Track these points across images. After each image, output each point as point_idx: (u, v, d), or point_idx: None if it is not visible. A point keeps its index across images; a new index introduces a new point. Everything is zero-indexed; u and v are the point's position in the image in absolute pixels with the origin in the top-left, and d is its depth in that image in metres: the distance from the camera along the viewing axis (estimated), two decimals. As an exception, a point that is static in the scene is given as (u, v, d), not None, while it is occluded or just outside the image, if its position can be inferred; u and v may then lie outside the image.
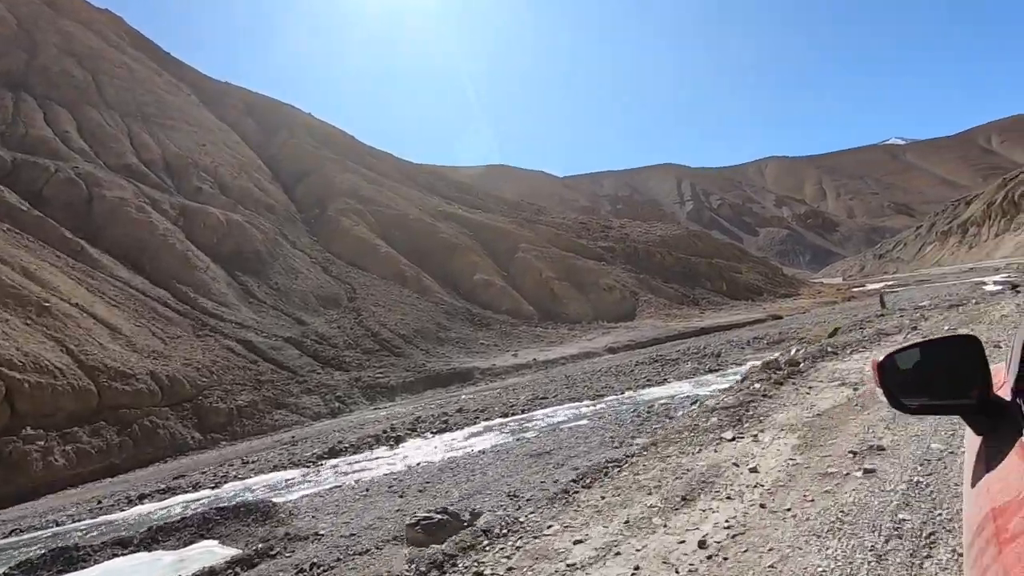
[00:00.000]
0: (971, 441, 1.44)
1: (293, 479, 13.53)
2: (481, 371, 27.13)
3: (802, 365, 12.44)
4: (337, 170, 63.77)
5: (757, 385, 12.01)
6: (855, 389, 8.81)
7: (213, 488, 13.70)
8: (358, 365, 26.95)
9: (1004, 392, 1.37)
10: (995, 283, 45.24)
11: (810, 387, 9.94)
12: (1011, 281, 38.74)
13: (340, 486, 11.68)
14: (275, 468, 14.73)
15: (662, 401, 13.79)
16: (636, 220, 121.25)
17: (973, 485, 1.27)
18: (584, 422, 13.25)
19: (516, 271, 51.19)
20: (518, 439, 12.98)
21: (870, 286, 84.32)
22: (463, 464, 11.30)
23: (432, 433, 15.44)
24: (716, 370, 17.92)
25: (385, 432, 16.02)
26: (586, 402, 15.44)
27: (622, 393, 15.95)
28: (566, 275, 50.70)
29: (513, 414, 15.39)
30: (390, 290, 40.77)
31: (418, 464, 12.43)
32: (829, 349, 13.30)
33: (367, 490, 10.72)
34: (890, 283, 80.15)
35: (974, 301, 19.37)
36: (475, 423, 15.49)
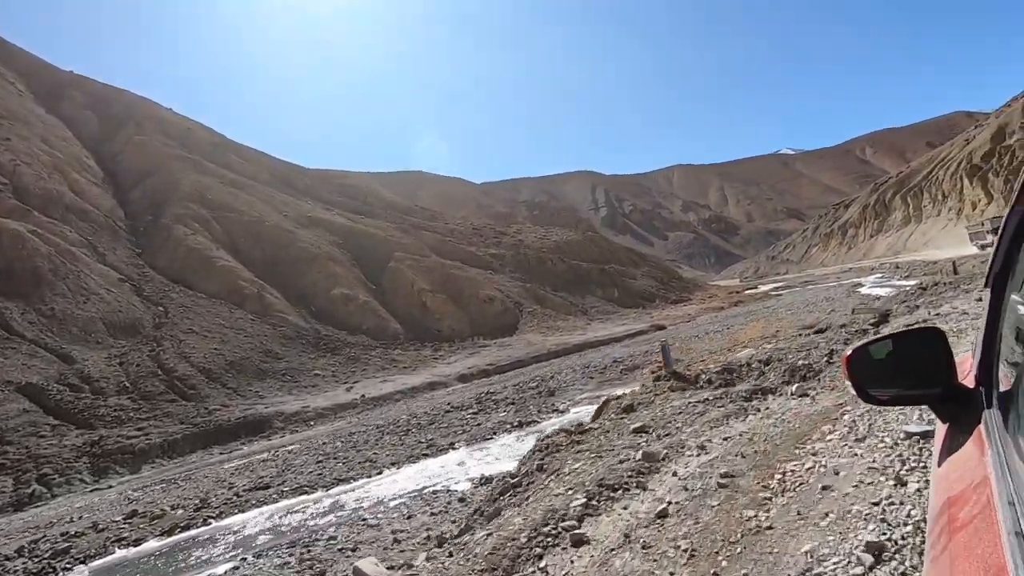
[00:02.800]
0: (939, 430, 1.47)
1: None
2: (285, 417, 21.50)
3: (583, 437, 8.22)
4: (187, 171, 55.26)
5: (534, 465, 7.83)
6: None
7: None
8: (114, 419, 20.48)
9: (969, 380, 1.38)
10: (873, 284, 45.40)
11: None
12: (895, 285, 38.23)
13: None
14: None
15: (399, 499, 9.22)
16: (543, 225, 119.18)
17: (937, 473, 1.28)
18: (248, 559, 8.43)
19: (387, 283, 45.70)
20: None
21: (762, 288, 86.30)
22: None
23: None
24: (529, 423, 13.65)
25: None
26: (317, 494, 10.55)
27: (379, 473, 11.24)
28: (443, 286, 45.82)
29: (177, 530, 10.10)
30: (217, 312, 33.97)
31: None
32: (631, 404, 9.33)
33: None
34: (779, 284, 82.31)
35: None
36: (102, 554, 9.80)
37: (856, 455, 4.38)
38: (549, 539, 4.52)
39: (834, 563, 2.99)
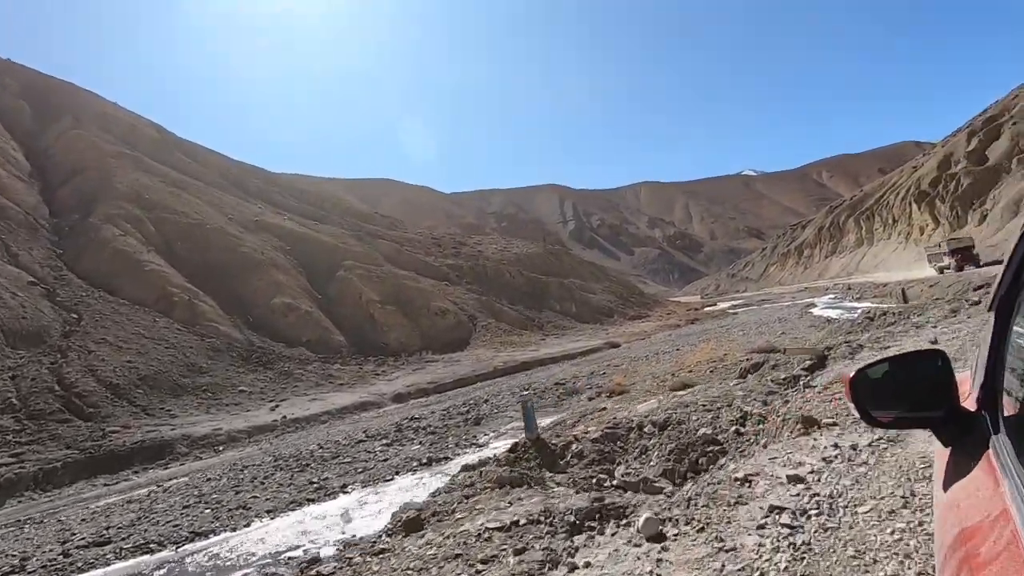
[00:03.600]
0: (940, 453, 1.46)
1: None
2: (191, 441, 19.32)
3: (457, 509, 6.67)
4: (125, 168, 51.95)
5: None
6: None
7: None
8: (-13, 442, 18.01)
9: (969, 403, 1.37)
10: (825, 304, 45.62)
11: None
12: (853, 307, 38.23)
13: None
14: None
15: (251, 567, 7.57)
16: (511, 237, 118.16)
17: (942, 499, 1.27)
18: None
19: (335, 293, 43.51)
20: None
21: (721, 305, 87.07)
22: None
23: None
24: (441, 459, 12.13)
25: None
26: (163, 553, 8.65)
27: (248, 525, 9.49)
28: (394, 298, 43.92)
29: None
30: (138, 320, 31.33)
31: None
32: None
33: None
34: (737, 302, 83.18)
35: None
36: None
37: None
38: None
39: None
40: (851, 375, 1.44)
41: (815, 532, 4.06)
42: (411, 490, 10.00)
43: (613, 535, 5.19)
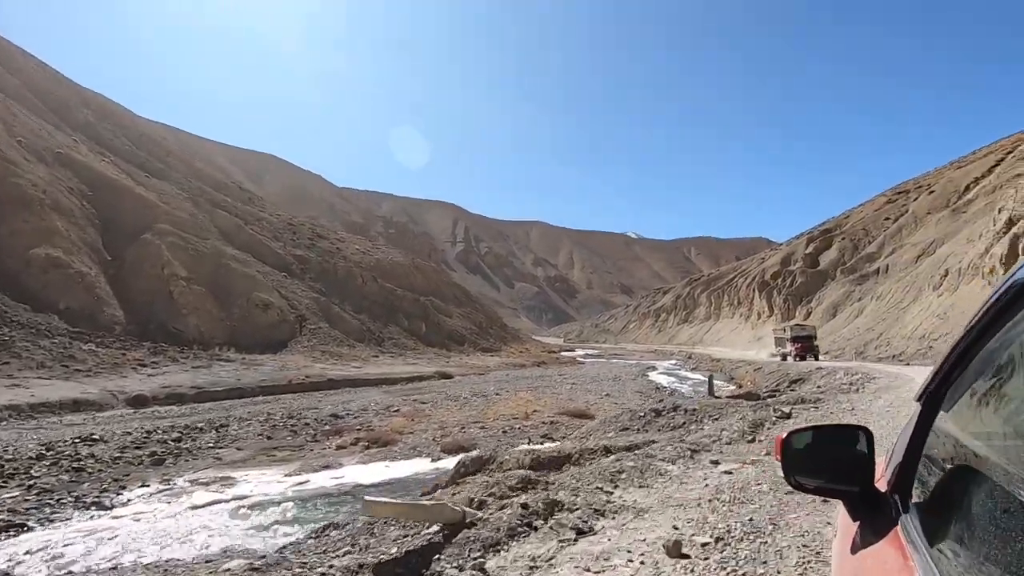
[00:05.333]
0: (845, 525, 1.52)
1: None
2: None
3: None
4: None
5: None
6: None
7: None
8: None
9: (881, 485, 1.45)
10: (664, 370, 46.58)
11: None
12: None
13: None
14: None
15: None
16: (397, 246, 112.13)
17: (848, 564, 1.35)
18: None
19: (133, 258, 35.81)
20: None
21: (577, 351, 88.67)
22: None
23: None
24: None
25: None
26: None
27: None
28: (210, 278, 37.20)
29: None
30: None
31: None
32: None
33: None
34: (592, 352, 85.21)
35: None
36: None
37: None
38: None
39: None
40: (783, 436, 1.48)
41: None
42: None
43: None
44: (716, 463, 6.93)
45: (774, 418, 9.71)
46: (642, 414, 10.78)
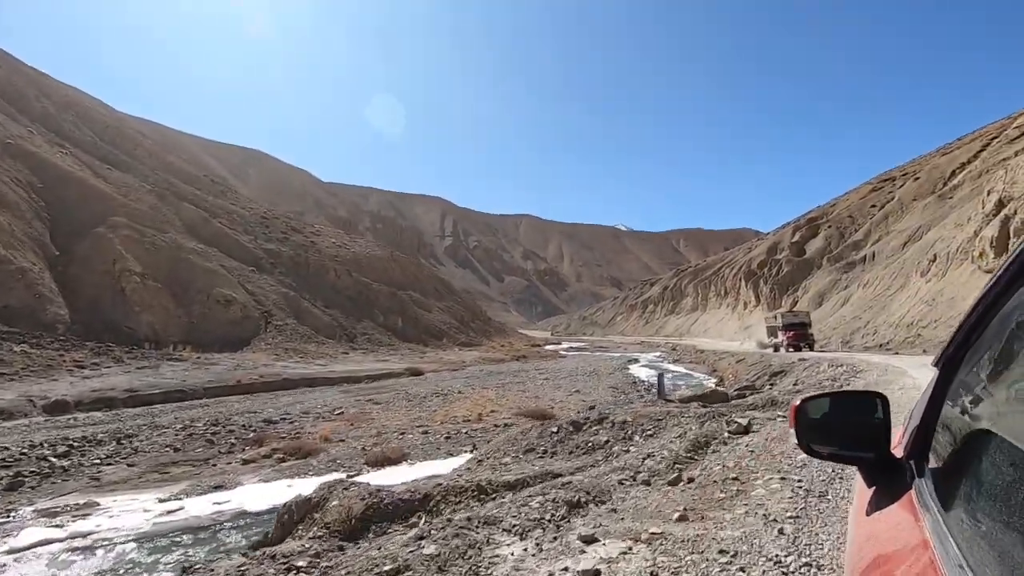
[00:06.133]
0: (861, 491, 1.53)
1: None
2: None
3: None
4: None
5: None
6: None
7: None
8: None
9: (898, 451, 1.46)
10: (647, 362, 45.29)
11: None
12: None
13: None
14: None
15: None
16: (386, 241, 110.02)
17: (861, 528, 1.36)
18: None
19: (83, 253, 33.82)
20: None
21: (563, 344, 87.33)
22: None
23: None
24: None
25: None
26: None
27: None
28: (167, 273, 35.29)
29: None
30: None
31: None
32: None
33: None
34: (577, 344, 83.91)
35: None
36: None
37: None
38: None
39: None
40: (797, 403, 1.49)
41: None
42: None
43: None
44: (589, 540, 4.37)
45: (726, 433, 7.74)
46: (555, 429, 8.93)
